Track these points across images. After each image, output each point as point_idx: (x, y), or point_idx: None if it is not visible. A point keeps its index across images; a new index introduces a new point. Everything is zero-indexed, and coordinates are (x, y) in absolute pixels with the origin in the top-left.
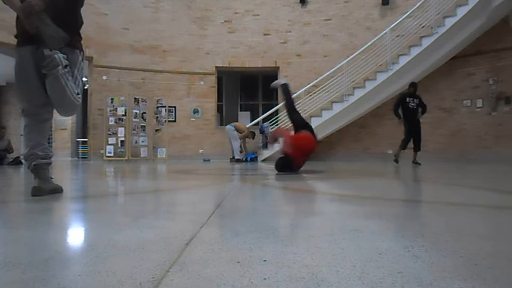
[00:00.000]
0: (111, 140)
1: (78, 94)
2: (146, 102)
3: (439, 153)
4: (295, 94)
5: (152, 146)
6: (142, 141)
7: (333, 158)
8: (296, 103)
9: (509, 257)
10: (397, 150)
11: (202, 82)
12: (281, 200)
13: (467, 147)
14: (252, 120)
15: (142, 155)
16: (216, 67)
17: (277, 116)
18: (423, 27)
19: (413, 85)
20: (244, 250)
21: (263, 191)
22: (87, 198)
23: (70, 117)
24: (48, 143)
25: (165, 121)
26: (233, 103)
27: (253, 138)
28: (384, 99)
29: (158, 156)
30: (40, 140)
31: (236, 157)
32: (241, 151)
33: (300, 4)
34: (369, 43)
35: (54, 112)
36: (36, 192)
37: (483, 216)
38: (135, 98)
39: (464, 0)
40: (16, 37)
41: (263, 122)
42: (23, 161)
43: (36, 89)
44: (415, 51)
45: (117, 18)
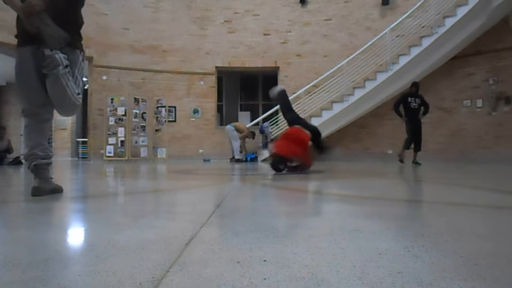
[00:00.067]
0: (111, 140)
1: (79, 94)
2: (146, 102)
3: (439, 153)
4: (295, 94)
5: (152, 146)
6: (142, 141)
7: (333, 158)
8: (296, 103)
9: (509, 257)
10: (401, 150)
11: (202, 82)
12: (281, 200)
13: (467, 147)
14: (252, 120)
15: (142, 155)
16: (216, 67)
17: (277, 116)
18: (423, 27)
19: (415, 84)
20: (244, 250)
21: (263, 191)
22: (87, 198)
23: (70, 117)
24: (48, 143)
25: (165, 121)
26: (233, 103)
27: (253, 138)
28: (384, 99)
29: (158, 156)
30: (40, 140)
31: (236, 157)
32: (241, 151)
33: (300, 4)
34: (369, 43)
35: (54, 112)
36: (36, 192)
37: (483, 216)
38: (135, 98)
39: (464, 0)
40: (16, 37)
41: (263, 122)
42: (23, 161)
43: (37, 89)
44: (415, 51)
45: (117, 18)
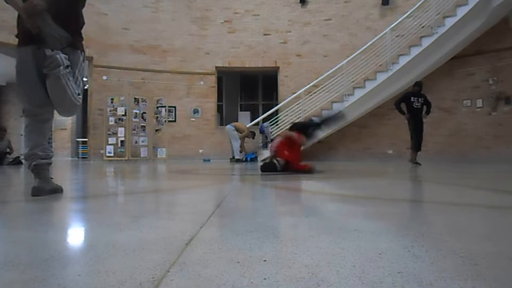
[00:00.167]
0: (111, 140)
1: (79, 94)
2: (146, 102)
3: (439, 153)
4: (295, 94)
5: (152, 146)
6: (142, 141)
7: (333, 158)
8: (296, 103)
9: (509, 257)
10: (411, 154)
11: (202, 82)
12: (281, 200)
13: (467, 147)
14: (252, 120)
15: (142, 155)
16: (216, 67)
17: (277, 116)
18: (423, 27)
19: (418, 84)
20: (244, 250)
21: (263, 191)
22: (87, 198)
23: (70, 117)
24: (48, 143)
25: (165, 121)
26: (233, 103)
27: (253, 138)
28: (384, 99)
29: (158, 156)
30: (40, 140)
31: (236, 157)
32: (241, 151)
33: (300, 4)
34: (369, 43)
35: (54, 112)
36: (36, 192)
37: (483, 216)
38: (135, 98)
39: (464, 0)
40: (17, 36)
41: (263, 122)
42: (23, 161)
43: (37, 89)
44: (415, 51)
45: (117, 18)
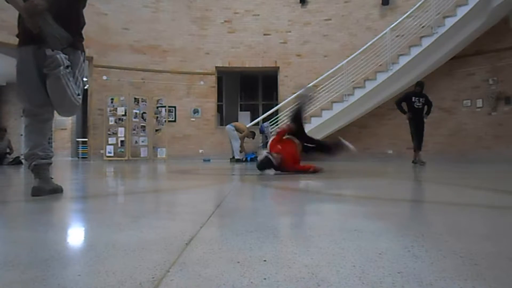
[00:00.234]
0: (111, 140)
1: (79, 95)
2: (146, 102)
3: (439, 153)
4: (295, 94)
5: (152, 146)
6: (142, 141)
7: (333, 158)
8: (296, 103)
9: (509, 257)
10: (416, 154)
11: (202, 82)
12: (281, 200)
13: (467, 147)
14: (252, 120)
15: (142, 155)
16: (216, 67)
17: (277, 116)
18: (423, 27)
19: (419, 84)
20: (244, 250)
21: (263, 191)
22: (87, 198)
23: (70, 117)
24: (48, 143)
25: (165, 121)
26: (233, 103)
27: (253, 138)
28: (384, 99)
29: (158, 156)
30: (40, 140)
31: (236, 157)
32: (241, 151)
33: (300, 4)
34: (369, 43)
35: (54, 112)
36: (36, 192)
37: (483, 216)
38: (135, 98)
39: (464, 0)
40: (18, 36)
41: (263, 122)
42: (23, 161)
43: (37, 89)
44: (415, 51)
45: (117, 18)
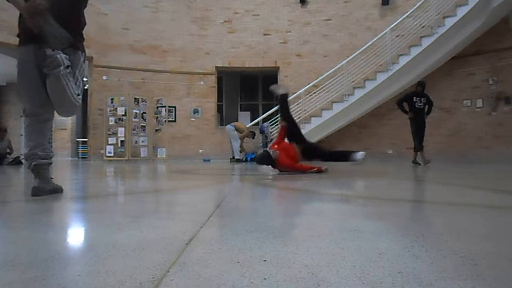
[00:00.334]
0: (111, 140)
1: (79, 95)
2: (146, 102)
3: (439, 153)
4: (295, 94)
5: (152, 146)
6: (142, 141)
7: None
8: (296, 103)
9: (509, 257)
10: (420, 154)
11: (202, 82)
12: (281, 200)
13: (467, 147)
14: (252, 120)
15: (142, 155)
16: (216, 67)
17: (277, 116)
18: (423, 27)
19: (421, 84)
20: (244, 250)
21: (263, 191)
22: (87, 198)
23: (70, 117)
24: (49, 143)
25: (165, 121)
26: (233, 103)
27: (253, 138)
28: (384, 99)
29: (158, 156)
30: (40, 140)
31: (236, 157)
32: (241, 151)
33: (300, 4)
34: (369, 43)
35: (54, 113)
36: (36, 192)
37: (483, 216)
38: (135, 98)
39: (464, 0)
40: (18, 36)
41: (263, 122)
42: (23, 161)
43: (38, 88)
44: (415, 51)
45: (117, 18)
